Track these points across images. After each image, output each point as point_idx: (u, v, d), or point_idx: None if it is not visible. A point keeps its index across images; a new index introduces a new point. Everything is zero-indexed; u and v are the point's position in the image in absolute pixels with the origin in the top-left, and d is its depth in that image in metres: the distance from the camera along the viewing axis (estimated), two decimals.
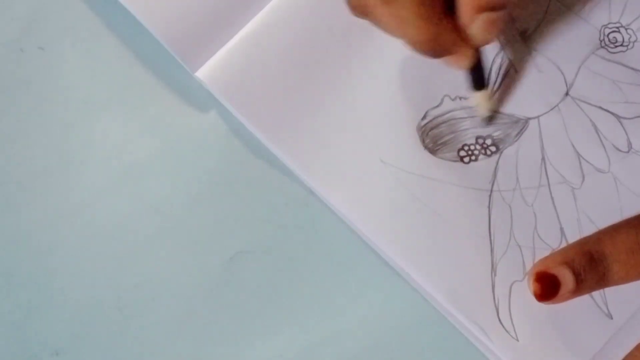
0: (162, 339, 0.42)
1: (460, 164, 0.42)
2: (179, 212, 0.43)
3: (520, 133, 0.42)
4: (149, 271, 0.42)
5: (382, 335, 0.41)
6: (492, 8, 0.35)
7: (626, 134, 0.42)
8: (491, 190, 0.41)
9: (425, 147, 0.42)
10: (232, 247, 0.42)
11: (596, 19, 0.43)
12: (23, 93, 0.44)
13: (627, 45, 0.43)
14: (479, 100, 0.42)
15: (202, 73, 0.43)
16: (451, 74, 0.42)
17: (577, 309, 0.40)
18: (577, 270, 0.38)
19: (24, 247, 0.43)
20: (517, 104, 0.42)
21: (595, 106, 0.42)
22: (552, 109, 0.42)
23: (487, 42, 0.37)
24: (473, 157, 0.42)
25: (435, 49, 0.36)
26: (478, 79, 0.41)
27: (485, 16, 0.35)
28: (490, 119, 0.42)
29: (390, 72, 0.43)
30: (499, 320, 0.40)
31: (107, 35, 0.45)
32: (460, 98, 0.43)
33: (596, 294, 0.40)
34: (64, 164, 0.44)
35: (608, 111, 0.42)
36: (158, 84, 0.45)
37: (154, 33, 0.43)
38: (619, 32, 0.43)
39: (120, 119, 0.44)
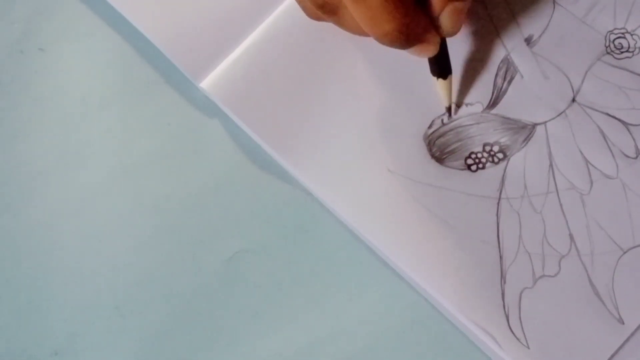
0: (161, 338, 0.42)
1: (468, 172, 0.42)
2: (179, 212, 0.43)
3: (527, 139, 0.42)
4: (148, 271, 0.42)
5: (382, 335, 0.41)
6: None
7: (634, 140, 0.42)
8: (499, 198, 0.41)
9: (433, 155, 0.42)
10: (232, 246, 0.42)
11: (601, 25, 0.43)
12: (23, 94, 0.45)
13: (632, 52, 0.43)
14: (443, 88, 0.42)
15: (207, 84, 0.43)
16: (458, 83, 0.43)
17: (588, 315, 0.39)
18: None
19: (23, 247, 0.43)
20: (523, 110, 0.42)
21: (602, 112, 0.42)
22: (558, 115, 0.42)
23: (454, 32, 0.39)
24: (480, 165, 0.42)
25: (407, 39, 0.37)
26: (443, 66, 0.41)
27: (453, 5, 0.37)
28: (450, 110, 0.42)
29: (396, 81, 0.43)
30: (510, 328, 0.39)
31: (107, 36, 0.45)
32: (466, 105, 0.43)
33: (607, 299, 0.40)
34: (64, 164, 0.44)
35: (615, 118, 0.42)
36: (157, 84, 0.45)
37: (157, 45, 0.44)
38: (624, 37, 0.43)
39: (120, 119, 0.44)
